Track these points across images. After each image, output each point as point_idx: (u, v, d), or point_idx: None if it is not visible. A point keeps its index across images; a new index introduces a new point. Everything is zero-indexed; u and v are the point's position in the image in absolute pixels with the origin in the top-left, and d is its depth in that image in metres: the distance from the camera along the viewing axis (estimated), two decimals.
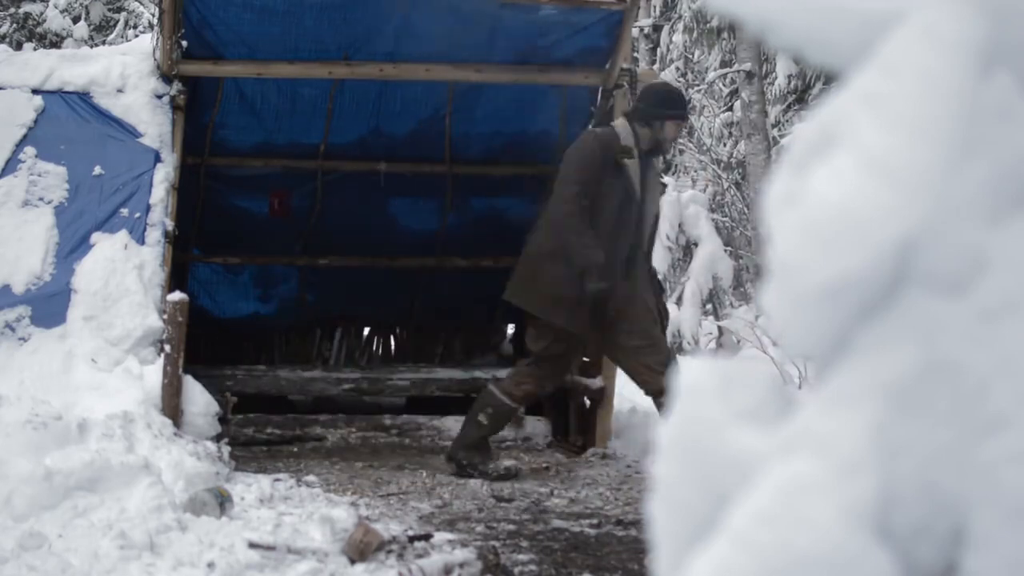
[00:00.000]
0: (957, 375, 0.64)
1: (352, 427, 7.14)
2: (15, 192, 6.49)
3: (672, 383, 0.70)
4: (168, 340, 5.91)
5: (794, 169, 0.66)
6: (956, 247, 0.66)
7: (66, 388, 5.78)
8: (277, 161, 8.02)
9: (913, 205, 0.63)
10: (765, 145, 12.91)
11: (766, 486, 0.62)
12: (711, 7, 0.71)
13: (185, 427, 5.79)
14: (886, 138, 0.63)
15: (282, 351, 9.01)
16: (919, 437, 0.64)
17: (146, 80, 6.73)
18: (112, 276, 6.23)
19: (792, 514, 0.61)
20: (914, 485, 0.64)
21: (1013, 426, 0.62)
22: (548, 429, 7.24)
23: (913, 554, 0.64)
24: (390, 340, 9.27)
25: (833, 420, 0.64)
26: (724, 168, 16.87)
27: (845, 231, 0.63)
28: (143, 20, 19.35)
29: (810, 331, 0.66)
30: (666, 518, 0.68)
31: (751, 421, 0.67)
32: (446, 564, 4.00)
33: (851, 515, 0.61)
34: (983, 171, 0.66)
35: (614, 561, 4.44)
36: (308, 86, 7.32)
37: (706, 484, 0.66)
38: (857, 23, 0.67)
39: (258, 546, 4.08)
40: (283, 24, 6.65)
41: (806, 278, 0.64)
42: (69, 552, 4.00)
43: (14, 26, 19.53)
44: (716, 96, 18.49)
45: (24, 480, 4.42)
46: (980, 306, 0.65)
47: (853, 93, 0.65)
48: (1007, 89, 0.67)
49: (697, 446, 0.67)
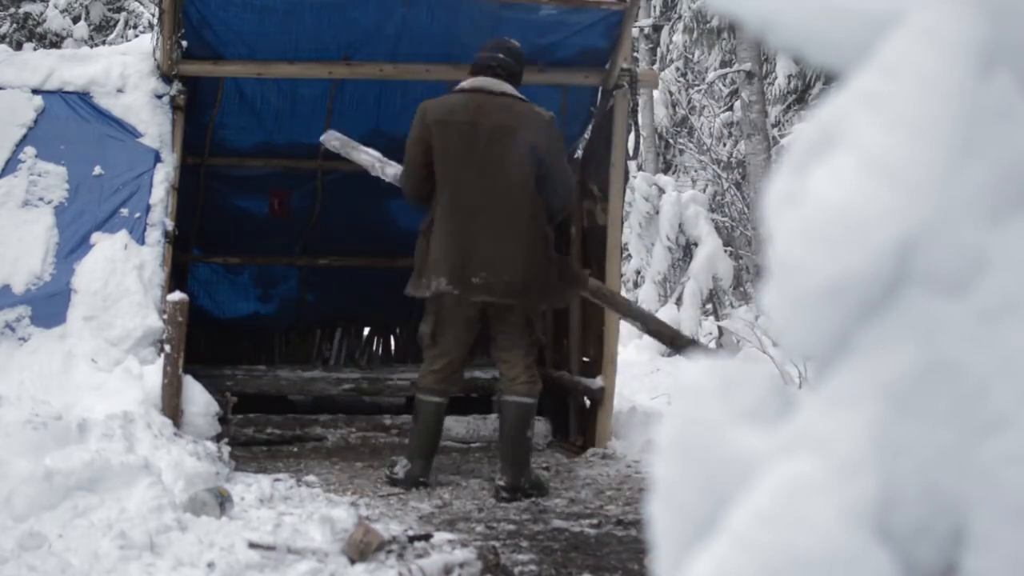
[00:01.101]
0: (957, 375, 0.64)
1: (352, 427, 7.14)
2: (15, 192, 6.49)
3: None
4: (168, 340, 5.91)
5: (794, 169, 0.66)
6: (956, 247, 0.66)
7: (66, 388, 5.78)
8: (277, 161, 8.02)
9: (913, 205, 0.63)
10: (765, 145, 12.91)
11: (766, 486, 0.62)
12: (711, 7, 0.71)
13: (185, 427, 5.79)
14: (886, 138, 0.63)
15: (282, 351, 9.02)
16: (919, 437, 0.64)
17: (146, 80, 6.73)
18: (112, 276, 6.23)
19: (792, 514, 0.61)
20: (914, 485, 0.64)
21: (1013, 426, 0.62)
22: (548, 429, 7.24)
23: (913, 554, 0.64)
24: (390, 340, 9.28)
25: (833, 420, 0.64)
26: (724, 168, 16.88)
27: (845, 231, 0.63)
28: (143, 20, 19.36)
29: (810, 331, 0.66)
30: (666, 518, 0.68)
31: (751, 421, 0.67)
32: (446, 564, 4.00)
33: (851, 515, 0.61)
34: (983, 171, 0.66)
35: (614, 561, 4.44)
36: (308, 86, 7.32)
37: (706, 484, 0.66)
38: (857, 23, 0.67)
39: (258, 546, 4.08)
40: (283, 24, 6.65)
41: (806, 278, 0.64)
42: (69, 552, 4.00)
43: (14, 26, 19.54)
44: (716, 96, 18.50)
45: (24, 480, 4.42)
46: (980, 306, 0.65)
47: (853, 93, 0.65)
48: (1007, 89, 0.67)
49: (697, 446, 0.67)
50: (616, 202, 6.93)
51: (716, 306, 12.99)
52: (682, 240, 13.30)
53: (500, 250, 5.31)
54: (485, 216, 5.34)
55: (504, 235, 5.32)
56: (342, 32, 6.74)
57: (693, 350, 5.76)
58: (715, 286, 12.89)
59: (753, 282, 13.79)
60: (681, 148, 18.39)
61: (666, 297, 13.28)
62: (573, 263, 6.19)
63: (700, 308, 12.59)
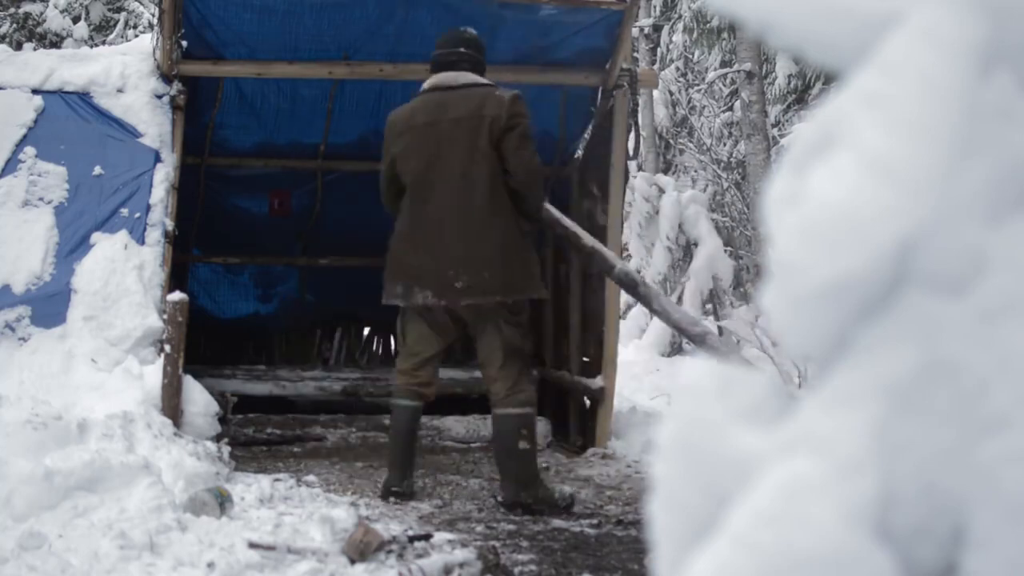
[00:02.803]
0: (957, 375, 0.64)
1: (352, 427, 7.14)
2: (15, 192, 6.49)
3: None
4: (168, 340, 5.91)
5: (794, 169, 0.66)
6: (956, 247, 0.66)
7: (66, 388, 5.78)
8: (277, 161, 8.02)
9: (913, 205, 0.63)
10: (765, 145, 12.91)
11: (766, 486, 0.62)
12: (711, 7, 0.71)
13: (185, 427, 5.79)
14: (886, 138, 0.63)
15: (282, 351, 9.02)
16: (919, 437, 0.64)
17: (146, 80, 6.73)
18: (112, 276, 6.23)
19: (792, 514, 0.61)
20: (914, 485, 0.64)
21: (1013, 426, 0.62)
22: (548, 429, 7.24)
23: (913, 554, 0.64)
24: (390, 340, 9.27)
25: (833, 420, 0.64)
26: (724, 168, 16.88)
27: (845, 231, 0.63)
28: (143, 20, 19.36)
29: (810, 331, 0.66)
30: (666, 518, 0.68)
31: (751, 421, 0.67)
32: (446, 564, 4.00)
33: (851, 515, 0.61)
34: (983, 171, 0.66)
35: (614, 561, 4.44)
36: (308, 86, 7.32)
37: (706, 484, 0.66)
38: (857, 23, 0.67)
39: (258, 546, 4.08)
40: (283, 24, 6.65)
41: (806, 278, 0.64)
42: (69, 552, 4.00)
43: (14, 26, 19.53)
44: (716, 96, 18.49)
45: (24, 480, 4.42)
46: (980, 306, 0.65)
47: (853, 93, 0.65)
48: (1007, 89, 0.67)
49: (697, 446, 0.67)
50: (616, 202, 6.93)
51: (716, 306, 12.99)
52: (682, 240, 13.30)
53: (474, 249, 5.08)
54: (456, 216, 5.10)
55: (476, 231, 5.08)
56: (342, 32, 6.74)
57: (715, 344, 5.59)
58: (715, 286, 12.89)
59: (753, 282, 13.79)
60: (681, 148, 18.38)
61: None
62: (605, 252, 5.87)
63: (700, 308, 12.58)
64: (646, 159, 16.56)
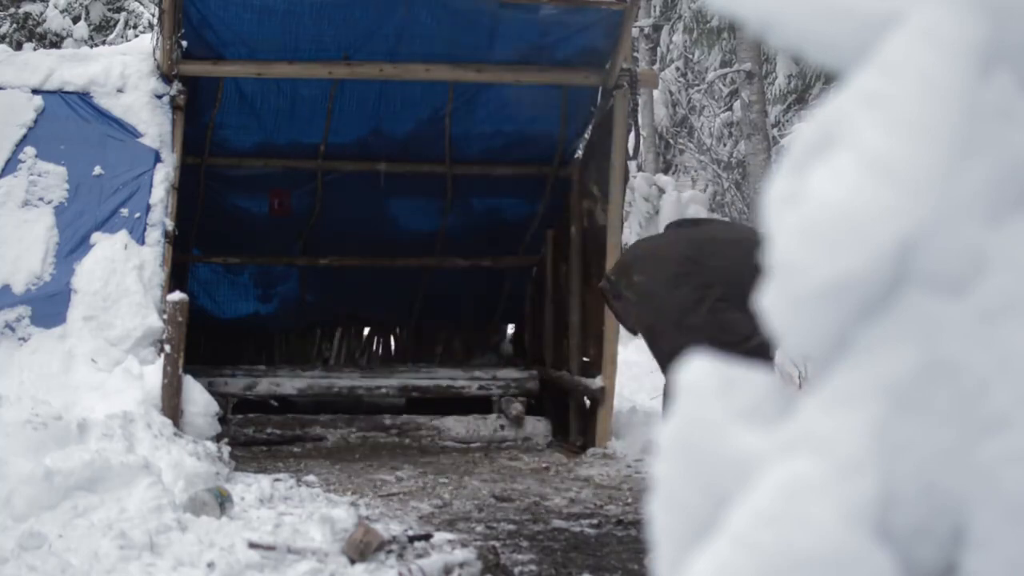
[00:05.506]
0: (957, 375, 0.64)
1: (352, 427, 7.14)
2: (15, 192, 6.49)
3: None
4: (168, 340, 5.91)
5: (794, 169, 0.66)
6: (956, 247, 0.66)
7: (66, 388, 5.78)
8: (277, 161, 8.02)
9: (913, 205, 0.63)
10: (765, 145, 12.90)
11: (766, 486, 0.62)
12: (711, 7, 0.71)
13: (185, 427, 5.79)
14: (886, 138, 0.63)
15: (282, 351, 9.02)
16: (919, 437, 0.64)
17: (146, 80, 6.73)
18: (112, 276, 6.23)
19: (792, 514, 0.61)
20: (914, 485, 0.64)
21: (1013, 426, 0.62)
22: (548, 429, 7.24)
23: (913, 554, 0.64)
24: (390, 340, 9.28)
25: (833, 420, 0.64)
26: (724, 168, 16.88)
27: (845, 231, 0.63)
28: (143, 20, 19.35)
29: (810, 331, 0.66)
30: (666, 518, 0.68)
31: (751, 421, 0.67)
32: (446, 564, 4.00)
33: (851, 515, 0.61)
34: (983, 171, 0.66)
35: (614, 561, 4.44)
36: (308, 86, 7.32)
37: (706, 484, 0.66)
38: (857, 23, 0.67)
39: (258, 546, 4.08)
40: (283, 24, 6.66)
41: (806, 278, 0.64)
42: (69, 552, 4.00)
43: (14, 26, 19.53)
44: (716, 96, 18.49)
45: (24, 480, 4.41)
46: (980, 306, 0.65)
47: (853, 93, 0.65)
48: (1007, 89, 0.67)
49: (697, 446, 0.67)
50: (616, 202, 6.94)
51: None
52: None
53: None
54: None
55: None
56: (342, 32, 6.74)
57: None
58: None
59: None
60: (681, 148, 18.38)
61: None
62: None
63: None
64: (646, 159, 16.56)
